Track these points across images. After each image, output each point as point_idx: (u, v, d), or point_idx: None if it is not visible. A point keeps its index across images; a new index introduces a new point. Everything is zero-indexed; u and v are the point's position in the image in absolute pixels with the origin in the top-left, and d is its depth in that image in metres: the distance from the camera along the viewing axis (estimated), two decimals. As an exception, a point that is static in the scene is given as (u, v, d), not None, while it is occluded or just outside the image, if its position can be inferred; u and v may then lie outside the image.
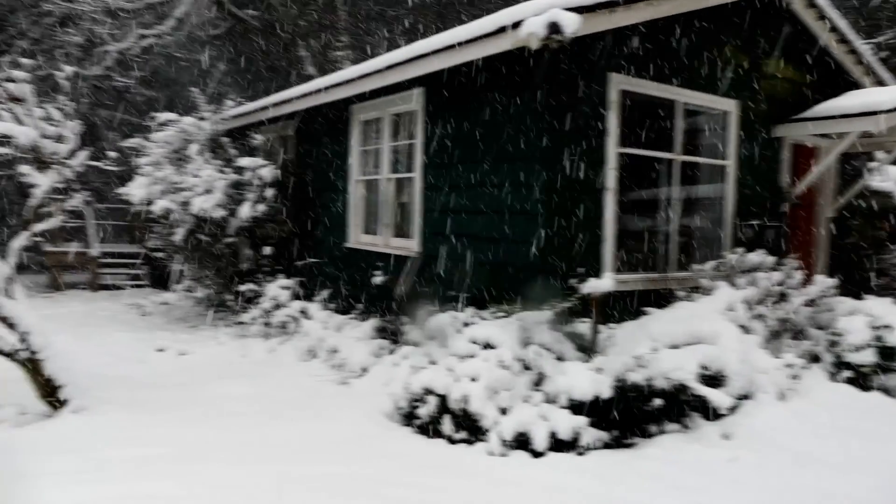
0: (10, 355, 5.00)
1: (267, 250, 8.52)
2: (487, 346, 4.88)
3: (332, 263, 8.42)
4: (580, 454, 4.33)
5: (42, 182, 5.35)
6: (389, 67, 6.27)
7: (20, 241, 5.23)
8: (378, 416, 5.26)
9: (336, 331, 6.95)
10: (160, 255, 10.10)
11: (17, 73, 5.11)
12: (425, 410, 4.84)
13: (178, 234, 8.30)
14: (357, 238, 8.03)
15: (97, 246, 13.52)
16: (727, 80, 6.67)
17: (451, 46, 5.40)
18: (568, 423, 4.35)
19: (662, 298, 5.82)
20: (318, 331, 7.01)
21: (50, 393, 5.09)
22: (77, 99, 5.13)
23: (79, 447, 4.55)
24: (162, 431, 4.89)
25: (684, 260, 6.51)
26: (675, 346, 4.94)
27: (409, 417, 5.02)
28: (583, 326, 5.14)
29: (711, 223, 6.87)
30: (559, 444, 4.34)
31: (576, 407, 4.45)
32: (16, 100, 5.05)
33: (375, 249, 7.54)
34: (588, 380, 4.48)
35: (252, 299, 8.24)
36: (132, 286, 13.44)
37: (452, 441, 4.65)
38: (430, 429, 4.81)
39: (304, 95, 8.23)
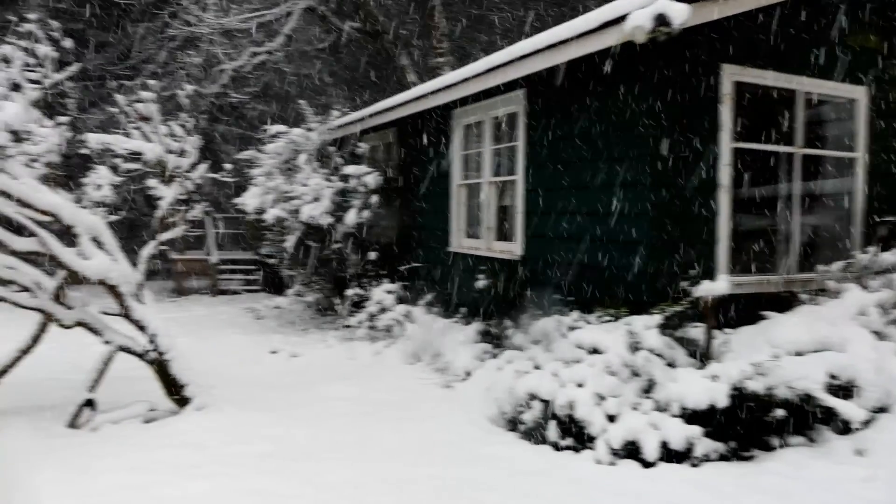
0: (140, 355, 5.38)
1: (372, 255, 8.73)
2: (594, 350, 4.74)
3: (435, 267, 8.51)
4: (694, 465, 4.12)
5: (167, 194, 5.72)
6: (490, 70, 6.26)
7: (149, 249, 5.62)
8: (482, 420, 5.24)
9: (439, 334, 7.00)
10: (272, 261, 10.58)
11: (144, 94, 5.50)
12: (530, 416, 4.77)
13: (289, 241, 8.67)
14: (459, 242, 8.07)
15: (216, 253, 14.37)
16: (854, 65, 6.17)
17: (553, 45, 5.32)
18: (681, 433, 4.15)
19: (782, 302, 5.44)
20: (422, 334, 7.08)
21: (175, 391, 5.43)
22: (197, 116, 5.49)
23: (201, 443, 4.82)
24: (276, 430, 5.10)
25: (807, 261, 6.07)
26: (798, 354, 4.61)
27: (513, 422, 4.97)
28: (695, 331, 4.89)
29: (837, 221, 6.37)
30: (671, 455, 4.15)
31: (689, 416, 4.23)
32: (144, 119, 5.43)
33: (478, 253, 7.54)
34: (702, 387, 4.25)
35: (358, 303, 8.46)
36: (247, 291, 14.18)
37: (558, 448, 4.55)
38: (534, 434, 4.73)
39: (406, 102, 8.38)
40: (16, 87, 5.12)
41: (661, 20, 4.30)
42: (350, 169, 8.84)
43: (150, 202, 13.08)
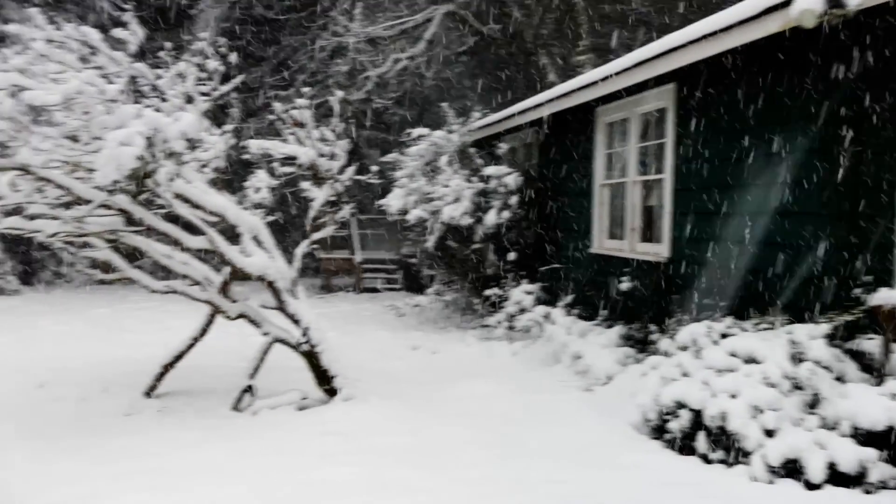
0: (294, 347, 5.73)
1: (511, 256, 8.73)
2: (749, 360, 4.43)
3: (575, 269, 8.35)
4: (868, 492, 3.73)
5: (318, 196, 6.04)
6: (638, 65, 6.04)
7: (302, 248, 5.97)
8: (623, 425, 5.07)
9: (579, 337, 6.86)
10: (413, 260, 10.88)
11: (299, 101, 5.85)
12: (677, 425, 4.55)
13: (430, 241, 8.87)
14: (601, 243, 7.87)
15: (360, 253, 15.03)
16: None
17: (708, 35, 5.03)
18: (852, 454, 3.77)
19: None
20: (562, 336, 6.98)
21: (325, 382, 5.72)
22: (347, 121, 5.78)
23: (348, 432, 5.06)
24: (417, 423, 5.23)
25: None
26: None
27: (658, 430, 4.76)
28: (869, 344, 4.43)
29: None
30: (839, 478, 3.78)
31: (862, 436, 3.84)
32: (299, 125, 5.78)
33: (620, 255, 7.30)
34: (879, 406, 3.84)
35: (497, 303, 8.50)
36: (388, 289, 14.70)
37: (707, 460, 4.30)
38: (681, 444, 4.51)
39: (547, 102, 8.29)
40: (189, 100, 5.63)
41: (834, 2, 3.93)
42: (490, 170, 8.90)
43: (299, 203, 13.94)
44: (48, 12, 5.35)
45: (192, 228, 5.52)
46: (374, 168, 6.92)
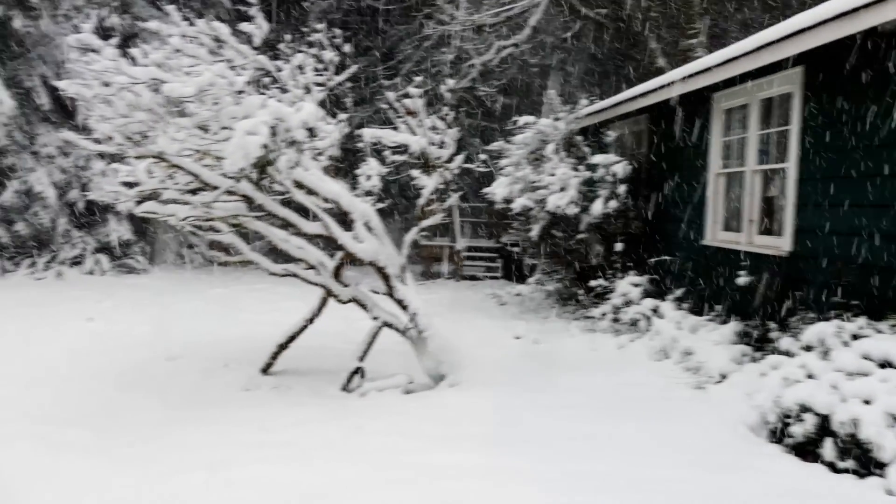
0: (402, 332, 5.86)
1: (618, 247, 8.52)
2: (886, 364, 4.12)
3: (686, 261, 8.04)
4: None
5: (428, 184, 6.12)
6: (762, 47, 5.70)
7: (411, 235, 6.08)
8: (739, 427, 4.85)
9: (690, 332, 6.61)
10: (516, 249, 10.84)
11: (412, 91, 5.94)
12: (800, 429, 4.30)
13: (534, 230, 8.79)
14: (715, 235, 7.53)
15: (461, 240, 15.13)
16: None
17: (844, 14, 4.68)
18: None
19: None
20: (671, 330, 6.75)
21: (431, 367, 5.82)
22: (457, 109, 5.81)
23: (454, 417, 5.13)
24: (522, 413, 5.23)
25: None
26: None
27: (777, 433, 4.52)
28: None
29: None
30: None
31: None
32: (411, 113, 5.87)
33: (737, 248, 6.96)
34: None
35: (602, 295, 8.33)
36: (487, 278, 14.73)
37: (835, 469, 4.04)
38: (805, 450, 4.26)
39: (659, 88, 8.00)
40: (306, 90, 5.83)
41: None
42: (598, 158, 8.70)
43: (403, 191, 14.18)
44: (177, 9, 5.68)
45: (305, 214, 5.75)
46: (484, 156, 6.92)
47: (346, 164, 7.24)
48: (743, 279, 6.44)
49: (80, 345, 7.52)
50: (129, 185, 5.59)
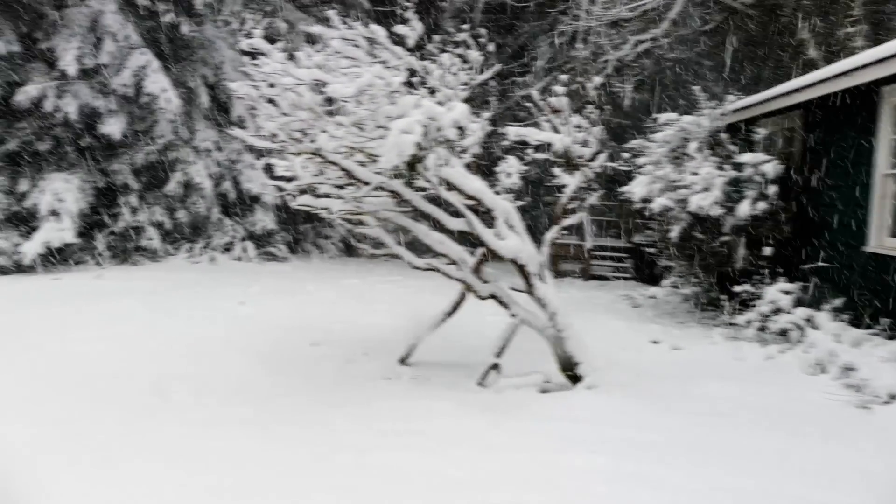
0: (539, 330, 5.85)
1: (766, 251, 8.04)
2: None
3: (845, 269, 7.45)
4: None
5: (570, 183, 6.07)
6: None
7: (552, 233, 6.06)
8: (909, 452, 4.45)
9: (852, 346, 6.13)
10: (651, 250, 10.50)
11: (557, 88, 5.91)
12: None
13: (674, 231, 8.48)
14: (881, 241, 6.93)
15: (590, 239, 14.87)
16: None
17: None
18: None
19: None
20: (829, 343, 6.29)
21: (568, 368, 5.78)
22: (600, 107, 5.71)
23: (592, 420, 5.06)
24: (661, 419, 5.08)
25: None
26: None
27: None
28: None
29: None
30: None
31: None
32: (555, 111, 5.84)
33: (907, 256, 6.38)
34: None
35: (746, 301, 7.90)
36: (616, 278, 14.38)
37: None
38: None
39: (819, 82, 7.46)
40: (453, 89, 5.94)
41: None
42: (745, 157, 8.25)
43: (537, 188, 14.10)
44: (317, 13, 5.97)
45: (446, 210, 5.87)
46: (627, 155, 6.76)
47: (486, 161, 7.32)
48: (917, 291, 5.89)
49: (235, 326, 8.11)
50: (285, 178, 5.97)
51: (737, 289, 7.99)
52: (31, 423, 4.76)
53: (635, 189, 9.02)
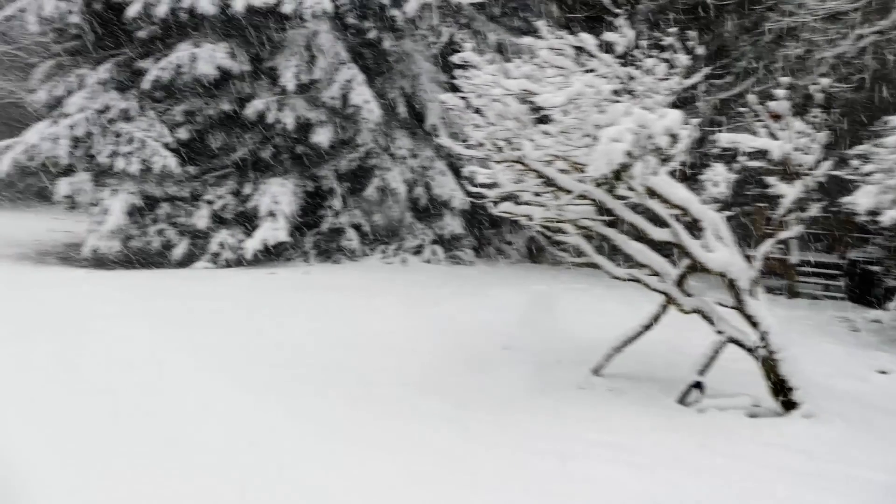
0: (750, 350, 5.48)
1: None
2: None
3: None
4: None
5: (788, 193, 5.63)
6: None
7: (766, 247, 5.66)
8: None
9: None
10: (872, 268, 9.40)
11: (777, 92, 5.51)
12: None
13: (908, 248, 7.53)
14: None
15: (796, 253, 13.61)
16: None
17: None
18: None
19: None
20: None
21: (782, 392, 5.35)
22: (827, 111, 5.19)
23: (811, 451, 4.68)
24: (888, 459, 4.55)
25: None
26: None
27: None
28: None
29: None
30: None
31: None
32: (775, 117, 5.45)
33: None
34: None
35: None
36: (827, 297, 13.01)
37: None
38: None
39: None
40: (660, 95, 5.75)
41: None
42: None
43: (744, 198, 13.17)
44: (507, 22, 6.04)
45: (649, 219, 5.69)
46: (856, 162, 6.11)
47: (692, 169, 6.99)
48: None
49: (434, 325, 8.47)
50: (486, 186, 6.13)
51: None
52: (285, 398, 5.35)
53: (860, 199, 8.11)
